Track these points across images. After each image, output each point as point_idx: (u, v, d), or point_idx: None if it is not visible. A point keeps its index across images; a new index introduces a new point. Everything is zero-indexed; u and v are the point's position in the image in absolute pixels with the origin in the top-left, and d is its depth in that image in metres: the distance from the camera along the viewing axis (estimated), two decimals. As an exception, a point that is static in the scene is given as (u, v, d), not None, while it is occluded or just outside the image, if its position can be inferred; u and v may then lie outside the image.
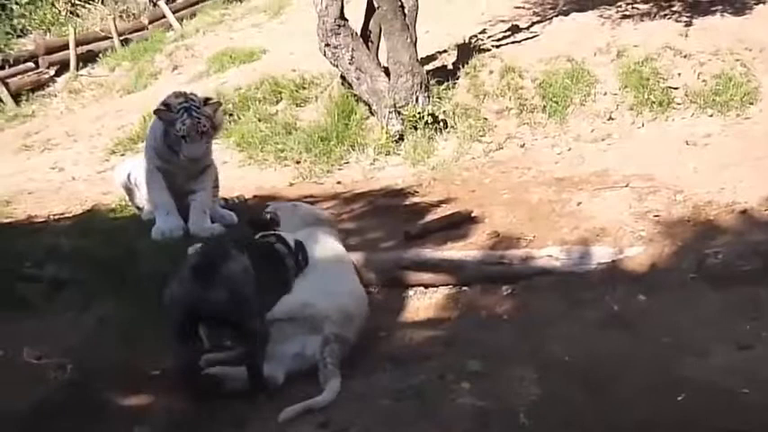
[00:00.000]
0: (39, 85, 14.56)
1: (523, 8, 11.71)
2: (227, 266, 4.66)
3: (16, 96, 14.04)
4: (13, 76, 14.44)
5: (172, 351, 4.72)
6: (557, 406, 3.97)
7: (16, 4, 16.51)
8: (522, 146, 8.87)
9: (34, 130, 12.17)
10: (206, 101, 6.99)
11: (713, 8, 10.63)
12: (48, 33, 16.11)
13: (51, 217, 8.05)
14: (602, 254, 5.96)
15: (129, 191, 7.69)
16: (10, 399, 4.79)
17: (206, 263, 4.66)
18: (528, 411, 3.90)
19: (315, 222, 5.95)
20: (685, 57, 9.52)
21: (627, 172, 7.65)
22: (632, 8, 10.96)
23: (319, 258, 5.47)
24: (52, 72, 14.87)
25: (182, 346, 4.60)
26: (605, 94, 9.25)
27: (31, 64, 14.84)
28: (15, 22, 16.89)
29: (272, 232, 5.50)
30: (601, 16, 10.78)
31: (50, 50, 15.10)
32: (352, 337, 4.87)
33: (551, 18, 11.14)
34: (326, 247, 5.66)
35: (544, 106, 9.25)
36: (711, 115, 8.81)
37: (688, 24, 10.18)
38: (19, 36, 15.95)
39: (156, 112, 6.97)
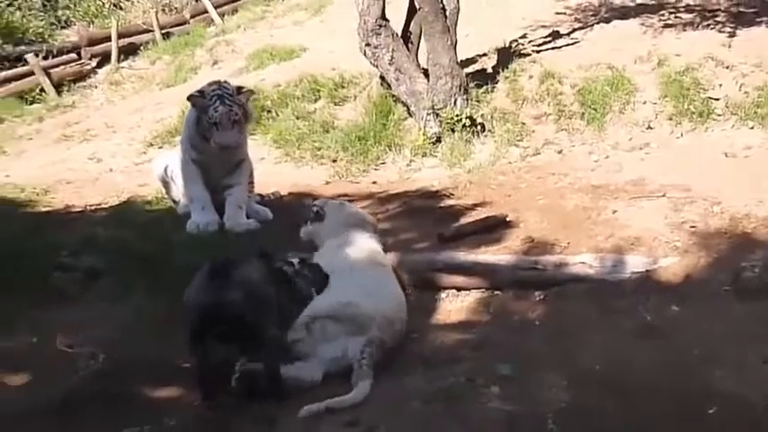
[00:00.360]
0: (80, 76, 14.66)
1: (565, 14, 11.68)
2: (245, 270, 4.70)
3: (58, 86, 14.15)
4: (56, 66, 14.55)
5: (189, 352, 4.74)
6: (585, 414, 3.95)
7: (61, -5, 16.67)
8: (560, 152, 8.85)
9: (74, 121, 12.25)
10: (239, 90, 7.02)
11: (758, 19, 10.58)
12: (91, 25, 16.22)
13: (88, 207, 8.12)
14: (636, 263, 5.91)
15: (166, 184, 7.74)
16: (41, 386, 4.85)
17: (223, 266, 4.68)
18: (556, 418, 3.88)
19: (358, 224, 5.97)
20: (727, 68, 9.46)
21: (664, 182, 7.60)
22: (675, 17, 10.91)
23: (361, 261, 5.49)
24: (94, 63, 14.96)
25: (198, 347, 4.63)
26: (645, 102, 9.21)
27: (73, 55, 14.95)
28: (60, 13, 17.06)
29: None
30: (643, 24, 10.73)
31: (93, 42, 15.20)
32: (389, 341, 4.87)
33: (592, 25, 11.11)
34: (369, 250, 5.69)
35: (583, 113, 9.22)
36: (752, 127, 8.75)
37: (731, 35, 10.12)
38: (63, 27, 16.09)
39: (189, 97, 7.03)
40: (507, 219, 6.85)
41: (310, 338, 4.77)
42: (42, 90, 13.98)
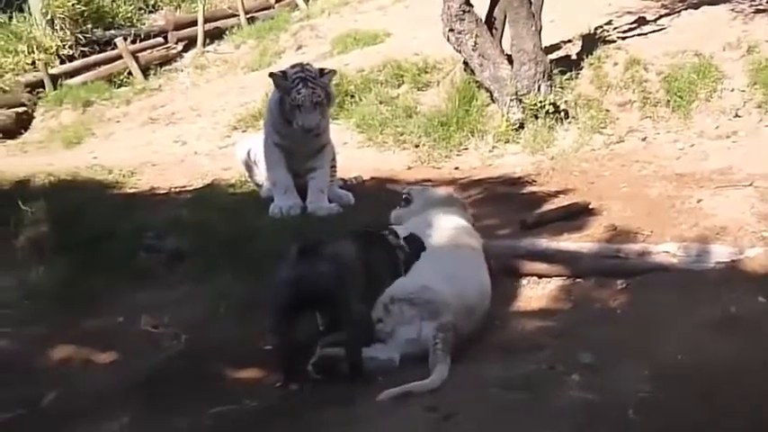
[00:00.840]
0: (167, 60, 14.83)
1: (652, 0, 11.51)
2: (333, 247, 4.76)
3: (145, 70, 14.34)
4: (144, 50, 14.74)
5: (273, 330, 4.81)
6: (666, 405, 3.91)
7: (149, -21, 16.85)
8: (644, 139, 8.76)
9: (160, 104, 12.45)
10: (321, 72, 7.06)
11: None
12: (178, 9, 16.39)
13: (173, 189, 8.27)
14: (721, 253, 5.81)
15: (249, 167, 7.82)
16: (127, 365, 4.97)
17: (312, 244, 4.74)
18: (637, 409, 3.85)
19: (444, 203, 5.98)
20: (820, 54, 9.25)
21: (751, 171, 7.48)
22: (767, 2, 10.68)
23: (446, 241, 5.50)
24: (180, 47, 15.12)
25: (282, 325, 4.69)
26: (732, 90, 9.04)
27: (160, 39, 15.11)
28: (148, -3, 17.29)
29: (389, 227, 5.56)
30: (733, 10, 10.51)
31: (179, 26, 15.37)
32: (468, 326, 4.87)
33: (680, 11, 10.93)
34: (455, 229, 5.68)
35: (668, 100, 9.10)
36: None
37: (826, 20, 9.90)
38: (150, 11, 16.26)
39: (272, 75, 7.08)
40: (590, 206, 6.81)
41: (389, 319, 4.79)
42: (130, 73, 14.19)
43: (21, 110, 12.72)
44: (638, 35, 10.25)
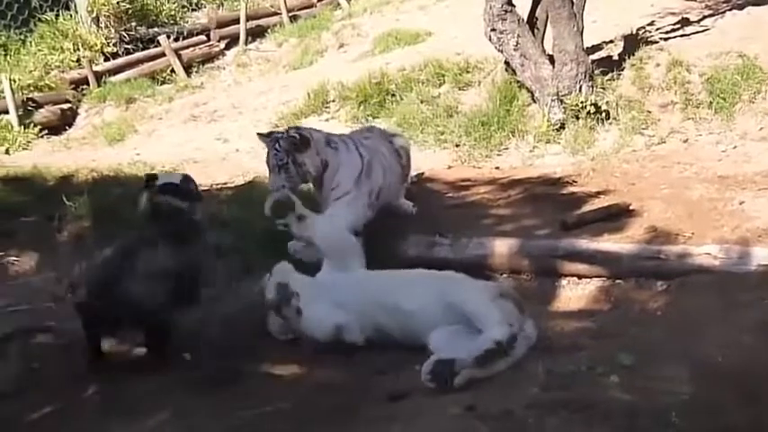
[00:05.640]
0: (209, 58, 14.90)
1: (695, 1, 11.43)
2: (140, 255, 4.91)
3: (188, 68, 14.42)
4: (186, 48, 14.83)
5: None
6: (708, 408, 3.89)
7: (192, -22, 16.95)
8: (685, 141, 8.71)
9: (202, 101, 12.51)
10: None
11: None
12: (221, 8, 16.46)
13: (214, 186, 8.31)
14: (763, 255, 5.78)
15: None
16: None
17: (119, 250, 4.93)
18: (679, 411, 3.84)
19: None
20: None
21: (795, 173, 7.44)
22: (813, 3, 10.58)
23: None
24: (222, 45, 15.18)
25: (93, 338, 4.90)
26: (776, 92, 8.99)
27: (202, 37, 15.18)
28: (191, -5, 17.39)
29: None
30: (778, 10, 10.44)
31: (222, 24, 15.44)
32: None
33: (724, 12, 10.84)
34: None
35: (710, 102, 9.03)
36: None
37: None
38: (193, 10, 16.33)
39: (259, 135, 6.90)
40: (630, 207, 6.79)
41: None
42: (173, 71, 14.27)
43: (65, 106, 12.83)
44: (681, 36, 10.19)
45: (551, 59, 9.09)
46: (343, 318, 5.14)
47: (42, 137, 12.05)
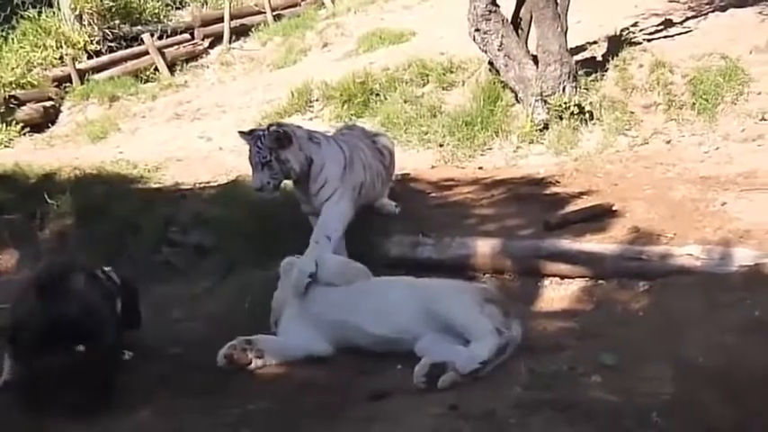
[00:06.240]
0: (193, 56, 14.89)
1: (678, 2, 11.46)
2: (74, 282, 4.76)
3: (171, 66, 14.40)
4: (170, 46, 14.81)
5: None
6: (690, 408, 3.91)
7: (177, -25, 16.92)
8: (668, 142, 8.72)
9: (186, 100, 12.51)
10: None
11: None
12: (204, 6, 16.45)
13: (197, 185, 8.31)
14: (744, 256, 5.78)
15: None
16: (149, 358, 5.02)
17: (52, 281, 4.75)
18: (661, 411, 3.86)
19: None
20: None
21: (777, 174, 7.46)
22: (796, 5, 10.62)
23: None
24: (206, 44, 15.17)
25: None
26: (759, 93, 8.97)
27: (186, 35, 15.17)
28: (175, -7, 17.35)
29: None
30: (761, 13, 10.44)
31: (206, 23, 15.42)
32: None
33: (707, 13, 10.88)
34: None
35: (693, 103, 9.05)
36: None
37: None
38: (177, 8, 16.32)
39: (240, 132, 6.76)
40: (613, 208, 6.80)
41: None
42: (156, 69, 14.26)
43: (48, 104, 12.83)
44: (664, 37, 10.22)
45: (535, 60, 9.10)
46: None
47: (25, 134, 12.03)
